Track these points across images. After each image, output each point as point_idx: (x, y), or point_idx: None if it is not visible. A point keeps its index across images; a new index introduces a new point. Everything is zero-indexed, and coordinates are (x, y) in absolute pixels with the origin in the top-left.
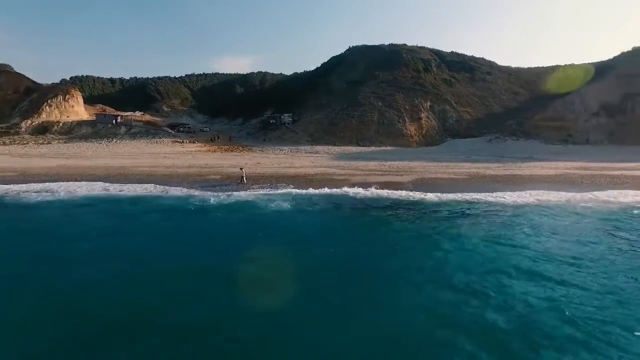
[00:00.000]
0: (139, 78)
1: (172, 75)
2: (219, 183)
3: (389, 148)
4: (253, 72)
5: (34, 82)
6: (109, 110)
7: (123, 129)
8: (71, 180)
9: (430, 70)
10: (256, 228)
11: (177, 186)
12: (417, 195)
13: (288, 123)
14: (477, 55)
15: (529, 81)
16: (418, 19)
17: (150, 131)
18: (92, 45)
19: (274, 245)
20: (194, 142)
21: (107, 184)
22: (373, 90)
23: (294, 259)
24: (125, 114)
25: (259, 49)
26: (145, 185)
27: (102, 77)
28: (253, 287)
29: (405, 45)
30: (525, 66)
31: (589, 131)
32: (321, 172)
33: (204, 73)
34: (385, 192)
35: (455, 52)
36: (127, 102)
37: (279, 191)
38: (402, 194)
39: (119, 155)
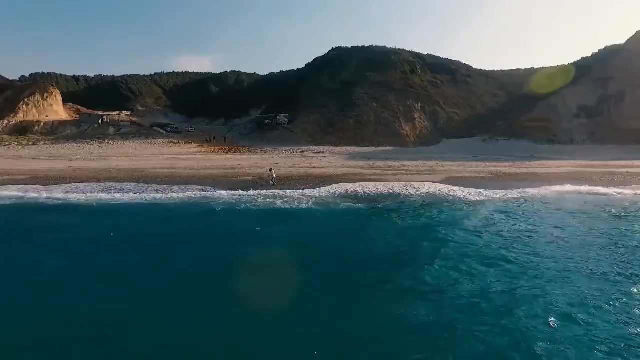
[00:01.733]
0: (105, 76)
1: (140, 74)
2: (254, 184)
3: (389, 148)
4: (227, 71)
5: (4, 78)
6: (83, 110)
7: (112, 130)
8: (108, 182)
9: (416, 72)
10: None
11: (221, 189)
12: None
13: (284, 123)
14: (452, 58)
15: (505, 83)
16: (386, 20)
17: (141, 132)
18: (41, 41)
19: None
20: (190, 143)
21: (163, 186)
22: (366, 91)
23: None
24: (112, 114)
25: (218, 49)
26: (197, 187)
27: (66, 75)
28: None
29: (385, 47)
30: (496, 69)
31: (572, 131)
32: (351, 172)
33: (173, 71)
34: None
35: (432, 55)
36: (97, 102)
37: (335, 191)
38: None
39: (123, 156)
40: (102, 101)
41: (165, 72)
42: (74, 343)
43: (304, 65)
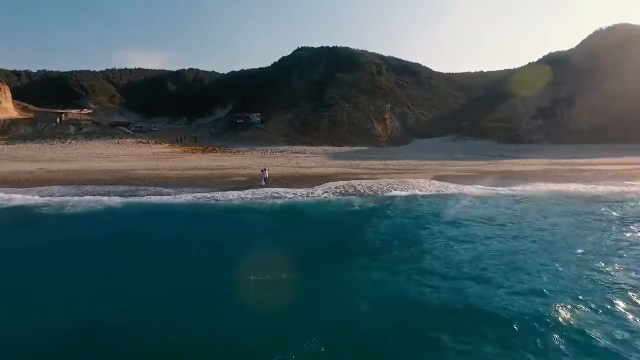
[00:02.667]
0: (50, 71)
1: (90, 69)
2: (248, 185)
3: (364, 148)
4: (184, 69)
5: None
6: (32, 108)
7: (72, 129)
8: (98, 186)
9: (382, 73)
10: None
11: (218, 190)
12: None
13: (257, 123)
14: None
15: (463, 85)
16: (344, 21)
17: (105, 131)
18: None
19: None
20: (160, 143)
21: (158, 188)
22: (337, 91)
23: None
24: (72, 112)
25: (170, 45)
26: (191, 189)
27: (5, 69)
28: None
29: (349, 47)
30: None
31: (531, 132)
32: (342, 172)
33: (126, 68)
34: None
35: (394, 57)
36: (43, 99)
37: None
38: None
39: (95, 157)
40: (48, 98)
41: (117, 68)
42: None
43: (270, 65)
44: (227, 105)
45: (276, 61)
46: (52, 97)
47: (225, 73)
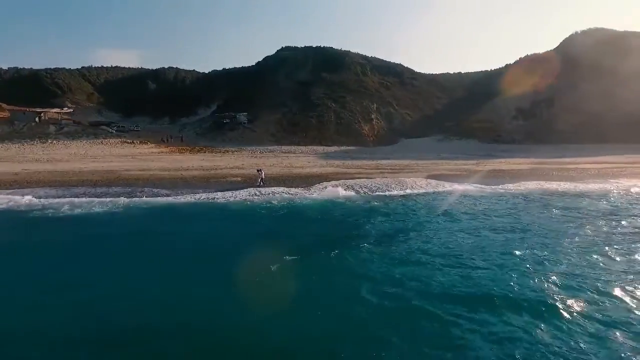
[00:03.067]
0: (22, 69)
1: (66, 67)
2: (245, 185)
3: (352, 148)
4: (164, 67)
5: None
6: (5, 106)
7: (53, 128)
8: (91, 188)
9: (367, 74)
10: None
11: (215, 191)
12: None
13: (244, 123)
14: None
15: (444, 86)
16: (326, 22)
17: (87, 131)
18: None
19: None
20: (146, 143)
21: (156, 190)
22: (324, 91)
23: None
24: (52, 111)
25: (145, 43)
26: (190, 190)
27: None
28: None
29: (332, 47)
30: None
31: (513, 132)
32: (338, 171)
33: (102, 66)
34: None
35: (376, 57)
36: (15, 97)
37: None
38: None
39: (80, 157)
40: (21, 97)
41: (93, 65)
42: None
43: (253, 64)
44: (210, 105)
45: (260, 60)
46: (25, 96)
47: (207, 72)
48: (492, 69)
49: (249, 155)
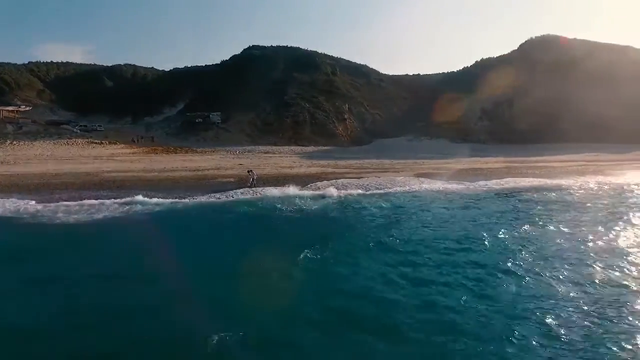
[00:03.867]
0: None
1: (11, 62)
2: (237, 186)
3: (328, 147)
4: (120, 64)
5: None
6: None
7: (10, 128)
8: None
9: (336, 74)
10: None
11: (212, 192)
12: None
13: (218, 122)
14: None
15: (409, 87)
16: (289, 21)
17: (50, 130)
18: None
19: None
20: (115, 143)
21: (152, 192)
22: (296, 91)
23: None
24: (7, 109)
25: (88, 38)
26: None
27: None
28: None
29: (299, 47)
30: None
31: (479, 132)
32: (326, 171)
33: (52, 61)
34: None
35: (343, 58)
36: None
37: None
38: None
39: (49, 159)
40: None
41: (42, 61)
42: None
43: (218, 62)
44: (176, 104)
45: (227, 59)
46: None
47: (167, 70)
48: (455, 71)
49: (228, 156)
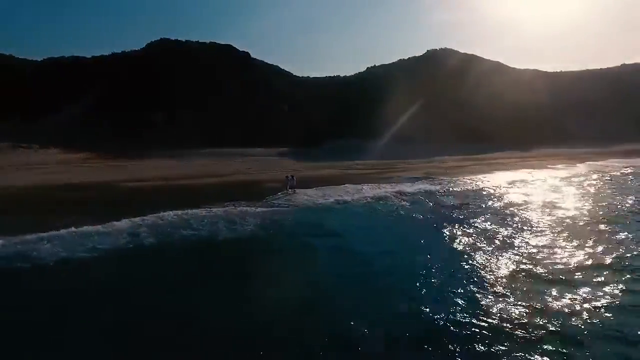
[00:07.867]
0: None
1: None
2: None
3: (284, 149)
4: None
5: None
6: None
7: None
8: None
9: (268, 75)
10: None
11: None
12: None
13: (161, 122)
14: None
15: (331, 89)
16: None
17: None
18: None
19: None
20: (47, 147)
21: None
22: (235, 92)
23: None
24: None
25: None
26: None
27: None
28: None
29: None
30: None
31: (411, 133)
32: (341, 174)
33: None
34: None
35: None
36: None
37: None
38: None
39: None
40: None
41: None
42: None
43: (129, 50)
44: (77, 100)
45: (145, 47)
46: None
47: (40, 60)
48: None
49: (224, 162)
